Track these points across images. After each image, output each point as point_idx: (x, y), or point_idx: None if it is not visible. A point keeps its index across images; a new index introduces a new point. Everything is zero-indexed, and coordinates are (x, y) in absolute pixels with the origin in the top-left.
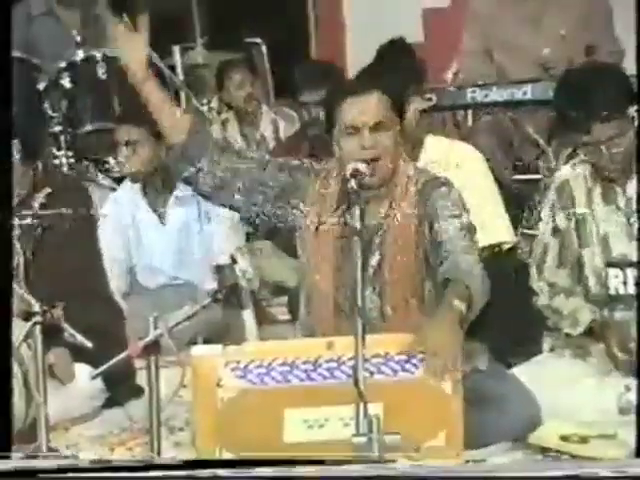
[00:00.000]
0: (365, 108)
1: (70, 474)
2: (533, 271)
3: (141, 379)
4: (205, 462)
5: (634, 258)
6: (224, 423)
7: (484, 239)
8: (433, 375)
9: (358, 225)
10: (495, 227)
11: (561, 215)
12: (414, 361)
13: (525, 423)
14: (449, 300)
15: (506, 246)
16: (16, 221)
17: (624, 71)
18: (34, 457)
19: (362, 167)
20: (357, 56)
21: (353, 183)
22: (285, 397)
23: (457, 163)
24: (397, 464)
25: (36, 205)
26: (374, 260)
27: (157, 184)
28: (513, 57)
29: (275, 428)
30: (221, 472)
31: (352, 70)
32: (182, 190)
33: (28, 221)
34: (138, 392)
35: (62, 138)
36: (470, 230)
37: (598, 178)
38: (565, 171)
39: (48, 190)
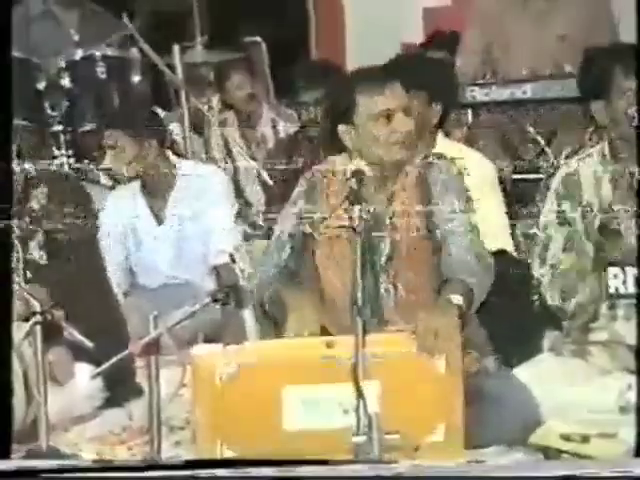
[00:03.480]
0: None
1: (71, 474)
2: (535, 254)
3: (141, 378)
4: (205, 462)
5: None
6: (223, 414)
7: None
8: (424, 350)
9: (357, 224)
10: (498, 235)
11: (567, 204)
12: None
13: (525, 422)
14: (446, 295)
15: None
16: (15, 221)
17: None
18: (34, 456)
19: (366, 169)
20: (357, 56)
21: (353, 182)
22: (283, 374)
23: (466, 170)
24: (397, 464)
25: (35, 205)
26: (387, 248)
27: (155, 184)
28: (514, 56)
29: (274, 414)
30: (221, 472)
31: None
32: (180, 190)
33: (27, 221)
34: (138, 392)
35: (62, 137)
36: (468, 209)
37: (610, 162)
38: (573, 164)
39: (46, 190)
